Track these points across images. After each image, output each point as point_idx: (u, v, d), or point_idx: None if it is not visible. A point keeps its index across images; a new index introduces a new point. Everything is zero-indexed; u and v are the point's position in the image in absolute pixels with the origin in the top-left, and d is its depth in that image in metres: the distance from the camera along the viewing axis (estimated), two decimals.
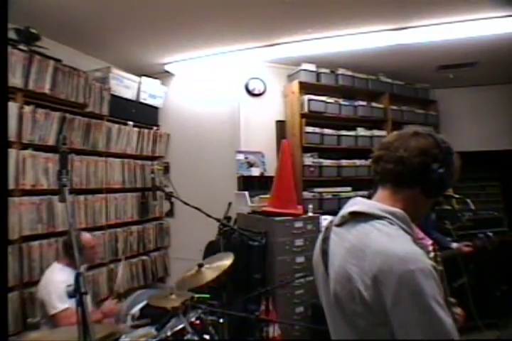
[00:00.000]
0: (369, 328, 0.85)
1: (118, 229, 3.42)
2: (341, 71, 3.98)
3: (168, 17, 2.85)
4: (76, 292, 1.05)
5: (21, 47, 2.54)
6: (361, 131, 4.11)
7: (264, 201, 3.31)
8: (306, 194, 3.72)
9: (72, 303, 2.02)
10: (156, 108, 4.08)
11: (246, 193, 3.42)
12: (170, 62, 3.86)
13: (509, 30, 2.96)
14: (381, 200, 0.99)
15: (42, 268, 2.48)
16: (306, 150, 3.77)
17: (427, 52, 3.55)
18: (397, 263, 0.80)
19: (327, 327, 1.03)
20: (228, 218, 3.38)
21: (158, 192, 3.77)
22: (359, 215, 0.95)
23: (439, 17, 2.86)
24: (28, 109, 2.55)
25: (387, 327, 0.82)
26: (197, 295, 2.31)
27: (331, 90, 4.03)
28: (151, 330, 2.14)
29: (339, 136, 3.96)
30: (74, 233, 1.22)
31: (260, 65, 3.93)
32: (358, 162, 3.97)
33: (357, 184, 3.94)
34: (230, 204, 3.45)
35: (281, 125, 3.95)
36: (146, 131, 3.86)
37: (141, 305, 2.71)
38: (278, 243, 2.99)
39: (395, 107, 4.34)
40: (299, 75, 3.82)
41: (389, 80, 4.31)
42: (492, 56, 3.65)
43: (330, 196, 3.80)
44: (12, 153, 2.44)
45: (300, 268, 3.02)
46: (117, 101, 3.47)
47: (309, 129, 3.76)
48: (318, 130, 3.82)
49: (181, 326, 2.03)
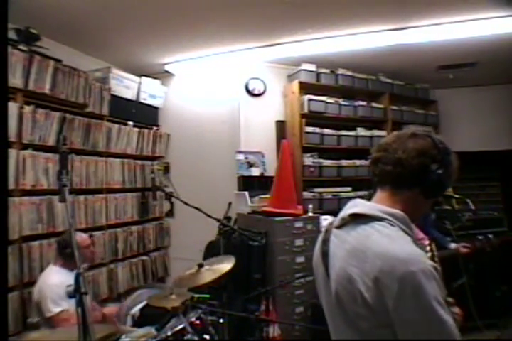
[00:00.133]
0: (371, 329, 0.85)
1: (118, 229, 3.42)
2: (341, 71, 3.98)
3: (168, 17, 2.85)
4: (76, 292, 1.04)
5: (21, 47, 2.54)
6: (361, 131, 4.11)
7: (264, 201, 3.31)
8: (306, 194, 3.72)
9: (67, 305, 2.05)
10: (156, 108, 4.08)
11: (246, 193, 3.42)
12: (170, 62, 3.86)
13: (509, 30, 2.96)
14: (380, 202, 0.99)
15: (42, 268, 2.47)
16: (306, 150, 3.77)
17: (427, 52, 3.55)
18: (398, 264, 0.80)
19: (327, 327, 1.03)
20: (228, 218, 3.38)
21: (158, 192, 3.77)
22: (359, 217, 0.95)
23: (439, 17, 2.86)
24: (28, 109, 2.55)
25: (389, 328, 0.82)
26: (197, 295, 2.31)
27: (331, 90, 4.03)
28: (151, 330, 2.14)
29: (339, 136, 3.96)
30: (72, 233, 1.22)
31: (260, 65, 3.93)
32: (358, 162, 3.97)
33: (357, 184, 3.94)
34: (230, 204, 3.45)
35: (281, 125, 3.95)
36: (146, 131, 3.86)
37: (141, 305, 2.71)
38: (278, 243, 2.99)
39: (395, 107, 4.34)
40: (299, 75, 3.82)
41: (389, 80, 4.31)
42: (492, 56, 3.65)
43: (330, 196, 3.80)
44: (12, 153, 2.43)
45: (300, 268, 3.02)
46: (117, 101, 3.47)
47: (309, 129, 3.76)
48: (318, 130, 3.81)
49: (181, 326, 2.03)
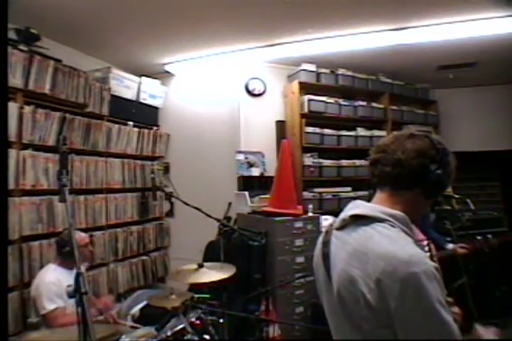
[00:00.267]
0: (373, 331, 0.86)
1: (118, 229, 3.42)
2: (341, 71, 3.99)
3: (168, 17, 2.85)
4: (76, 292, 1.04)
5: (21, 47, 2.54)
6: (361, 131, 4.11)
7: (264, 201, 3.31)
8: (306, 194, 3.72)
9: (62, 303, 2.05)
10: (156, 108, 4.08)
11: (246, 193, 3.42)
12: (170, 62, 3.86)
13: (509, 30, 2.96)
14: (380, 203, 0.99)
15: (42, 268, 2.47)
16: (306, 150, 3.77)
17: (427, 52, 3.55)
18: (400, 265, 0.80)
19: (327, 327, 1.03)
20: (228, 218, 3.38)
21: (158, 192, 3.77)
22: (360, 218, 0.95)
23: (439, 17, 2.86)
24: (28, 109, 2.55)
25: (391, 329, 0.82)
26: (197, 295, 2.32)
27: (331, 90, 4.04)
28: (151, 330, 2.14)
29: (339, 136, 3.96)
30: (72, 233, 1.21)
31: (260, 65, 3.93)
32: (358, 162, 3.97)
33: (357, 184, 3.94)
34: (230, 204, 3.45)
35: (281, 125, 3.95)
36: (146, 131, 3.86)
37: (141, 305, 2.71)
38: (278, 243, 2.99)
39: (395, 107, 4.35)
40: (299, 75, 3.82)
41: (389, 80, 4.31)
42: (492, 56, 3.65)
43: (330, 196, 3.80)
44: (12, 153, 2.43)
45: (300, 268, 3.02)
46: (117, 101, 3.47)
47: (309, 129, 3.76)
48: (318, 130, 3.82)
49: (181, 326, 2.03)
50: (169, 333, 1.99)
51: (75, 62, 3.08)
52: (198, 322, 2.18)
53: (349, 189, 3.94)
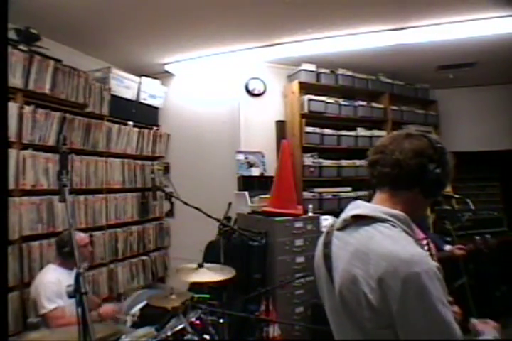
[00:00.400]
0: (376, 331, 0.86)
1: (118, 229, 3.42)
2: (341, 71, 3.98)
3: (168, 17, 2.85)
4: (76, 292, 1.04)
5: (21, 47, 2.53)
6: (361, 131, 4.11)
7: (264, 201, 3.31)
8: (306, 194, 3.72)
9: (62, 303, 2.05)
10: (156, 108, 4.08)
11: (246, 193, 3.42)
12: (170, 62, 3.86)
13: (509, 30, 2.96)
14: (380, 203, 0.99)
15: (42, 268, 2.46)
16: (306, 150, 3.77)
17: (427, 52, 3.55)
18: (401, 265, 0.81)
19: (327, 327, 1.03)
20: (228, 218, 3.38)
21: (158, 192, 3.76)
22: (361, 219, 0.95)
23: (439, 17, 2.86)
24: (28, 109, 2.55)
25: (393, 329, 0.82)
26: (197, 295, 2.31)
27: (331, 90, 4.04)
28: (151, 330, 2.14)
29: (339, 136, 3.96)
30: (72, 233, 1.21)
31: (260, 65, 3.93)
32: (358, 162, 3.97)
33: (357, 184, 3.94)
34: (230, 204, 3.45)
35: (281, 125, 3.95)
36: (146, 131, 3.86)
37: (141, 305, 2.71)
38: (278, 243, 2.99)
39: (395, 107, 4.35)
40: (299, 75, 3.82)
41: (389, 80, 4.31)
42: (492, 56, 3.65)
43: (330, 196, 3.80)
44: (12, 153, 2.43)
45: (300, 268, 3.02)
46: (117, 101, 3.47)
47: (309, 129, 3.76)
48: (318, 130, 3.82)
49: (181, 326, 2.03)
50: (169, 333, 2.00)
51: (75, 62, 3.07)
52: (198, 322, 2.18)
53: (349, 189, 3.93)
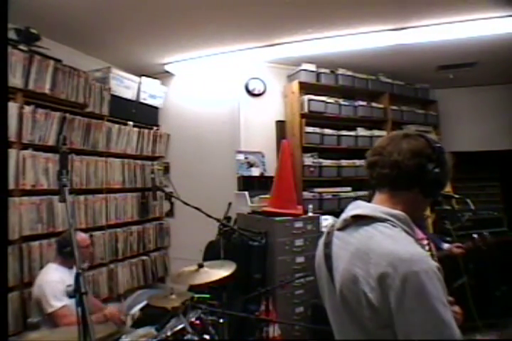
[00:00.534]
0: (376, 330, 0.86)
1: (118, 229, 3.42)
2: (341, 71, 3.98)
3: (168, 17, 2.85)
4: (76, 292, 1.04)
5: (21, 47, 2.54)
6: (361, 131, 4.10)
7: (264, 201, 3.30)
8: (306, 194, 3.71)
9: (68, 301, 2.04)
10: (156, 108, 4.08)
11: (246, 193, 3.42)
12: (170, 62, 3.86)
13: (509, 30, 2.96)
14: (380, 203, 0.99)
15: (42, 268, 2.47)
16: (306, 150, 3.77)
17: (427, 52, 3.55)
18: (401, 265, 0.81)
19: (327, 327, 1.03)
20: (228, 218, 3.38)
21: (158, 192, 3.76)
22: (361, 218, 0.95)
23: (439, 17, 2.86)
24: (28, 109, 2.55)
25: (394, 328, 0.82)
26: (197, 295, 2.31)
27: (331, 90, 4.03)
28: (151, 330, 2.14)
29: (339, 136, 3.96)
30: (72, 233, 1.21)
31: (260, 65, 3.93)
32: (358, 162, 3.96)
33: (357, 184, 3.94)
34: (230, 204, 3.45)
35: (281, 125, 3.95)
36: (146, 131, 3.86)
37: (141, 305, 2.71)
38: (278, 243, 2.99)
39: (395, 107, 4.34)
40: (299, 75, 3.82)
41: (389, 80, 4.31)
42: (492, 56, 3.65)
43: (330, 196, 3.80)
44: (12, 153, 2.44)
45: (300, 268, 3.02)
46: (117, 101, 3.47)
47: (309, 129, 3.75)
48: (318, 130, 3.81)
49: (181, 326, 2.03)
50: (169, 333, 1.99)
51: (75, 62, 3.08)
52: (198, 322, 2.18)
53: (349, 189, 3.93)
